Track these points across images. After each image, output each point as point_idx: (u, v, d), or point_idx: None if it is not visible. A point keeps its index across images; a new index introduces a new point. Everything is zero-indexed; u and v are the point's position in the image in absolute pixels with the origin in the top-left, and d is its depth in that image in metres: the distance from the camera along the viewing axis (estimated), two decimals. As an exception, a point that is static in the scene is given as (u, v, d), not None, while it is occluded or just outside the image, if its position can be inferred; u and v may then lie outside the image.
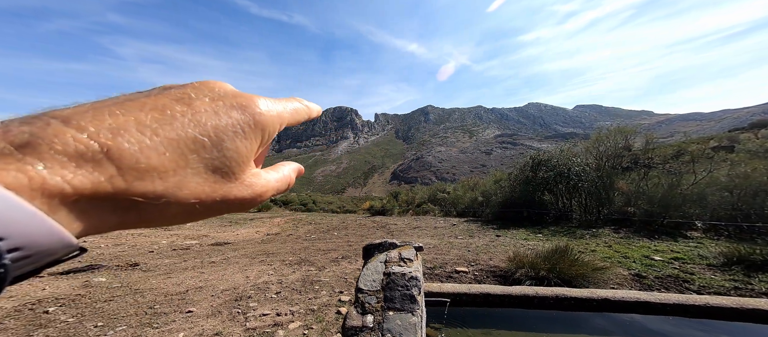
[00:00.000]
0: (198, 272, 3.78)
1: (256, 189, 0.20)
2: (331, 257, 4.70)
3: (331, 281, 3.49)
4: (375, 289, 1.51)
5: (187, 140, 0.16)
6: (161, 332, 2.12)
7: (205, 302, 2.77)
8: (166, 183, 0.15)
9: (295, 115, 0.24)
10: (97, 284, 3.12)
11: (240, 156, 0.19)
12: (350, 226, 8.76)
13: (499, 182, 10.88)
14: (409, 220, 9.95)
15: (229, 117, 0.18)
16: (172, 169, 0.15)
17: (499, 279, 3.33)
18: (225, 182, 0.18)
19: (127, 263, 4.09)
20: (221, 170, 0.18)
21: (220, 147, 0.18)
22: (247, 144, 0.19)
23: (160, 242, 6.10)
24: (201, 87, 0.20)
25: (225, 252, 5.21)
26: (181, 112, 0.17)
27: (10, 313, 2.39)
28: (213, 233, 7.64)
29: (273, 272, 3.88)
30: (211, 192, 0.17)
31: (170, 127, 0.16)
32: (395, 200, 14.71)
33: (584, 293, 2.15)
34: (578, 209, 7.74)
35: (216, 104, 0.19)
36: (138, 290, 2.98)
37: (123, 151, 0.14)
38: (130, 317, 2.34)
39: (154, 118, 0.16)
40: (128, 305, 2.60)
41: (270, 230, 8.57)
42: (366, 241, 6.05)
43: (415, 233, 6.93)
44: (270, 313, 2.63)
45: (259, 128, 0.20)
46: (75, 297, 2.74)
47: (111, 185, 0.13)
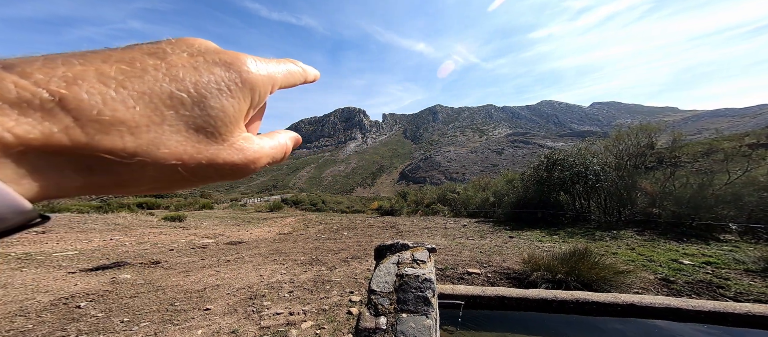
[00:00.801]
0: (215, 271, 3.88)
1: (248, 154, 0.18)
2: (341, 257, 4.72)
3: (341, 281, 3.50)
4: (388, 291, 1.50)
5: (162, 95, 0.15)
6: (181, 329, 2.19)
7: (222, 300, 2.83)
8: (138, 139, 0.14)
9: (289, 77, 0.22)
10: (123, 280, 3.26)
11: (226, 116, 0.17)
12: (359, 226, 8.79)
13: (512, 182, 10.63)
14: (418, 220, 9.86)
15: (211, 73, 0.17)
16: (145, 124, 0.14)
17: (513, 282, 3.24)
18: (211, 142, 0.16)
19: (149, 260, 4.25)
20: (205, 130, 0.16)
21: (203, 105, 0.16)
22: (235, 103, 0.17)
23: (179, 240, 6.31)
24: (178, 42, 0.18)
25: (239, 251, 5.33)
26: (154, 66, 0.15)
27: (46, 307, 2.52)
28: (228, 233, 7.84)
29: (286, 271, 3.93)
30: (195, 153, 0.16)
31: (140, 80, 0.14)
32: (404, 201, 14.65)
33: (607, 298, 2.05)
34: (597, 210, 7.45)
35: (195, 60, 0.17)
36: (159, 287, 3.09)
37: (80, 102, 0.12)
38: (153, 314, 2.42)
39: (120, 70, 0.14)
40: (151, 301, 2.70)
41: (282, 229, 8.72)
42: (375, 241, 6.06)
43: (425, 233, 6.87)
44: (283, 312, 2.67)
45: (247, 87, 0.18)
46: (103, 293, 2.87)
47: (67, 137, 0.12)
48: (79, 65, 0.13)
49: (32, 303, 2.54)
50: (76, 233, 6.13)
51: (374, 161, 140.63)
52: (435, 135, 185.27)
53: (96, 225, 7.28)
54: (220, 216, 12.26)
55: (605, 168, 7.47)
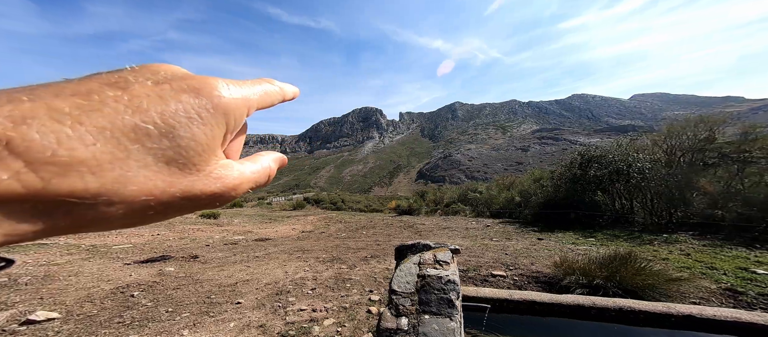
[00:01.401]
0: (245, 266, 4.12)
1: (227, 181, 0.17)
2: (360, 255, 4.78)
3: (361, 280, 3.55)
4: (409, 291, 1.49)
5: (125, 128, 0.13)
6: (216, 321, 2.35)
7: (251, 295, 3.00)
8: (101, 178, 0.12)
9: (265, 98, 0.21)
10: (168, 273, 3.58)
11: (199, 145, 0.16)
12: (378, 225, 8.84)
13: (540, 180, 10.03)
14: (437, 220, 9.67)
15: (179, 102, 0.15)
16: (108, 162, 0.13)
17: (542, 286, 3.08)
18: (184, 174, 0.15)
19: (189, 255, 4.62)
20: (177, 161, 0.15)
21: (172, 135, 0.15)
22: (207, 130, 0.16)
23: (214, 236, 6.79)
24: (142, 70, 0.16)
25: (267, 247, 5.61)
26: (114, 97, 0.14)
27: (108, 294, 2.84)
28: (256, 229, 8.29)
29: (309, 268, 4.07)
30: (167, 187, 0.15)
31: (99, 113, 0.13)
32: (422, 200, 14.47)
33: (658, 307, 1.84)
34: (642, 211, 6.78)
35: (161, 88, 0.15)
36: (198, 281, 3.35)
37: (31, 142, 0.11)
38: (192, 305, 2.64)
39: (75, 105, 0.13)
40: (191, 293, 2.94)
41: (304, 227, 9.03)
42: (394, 241, 6.07)
43: (445, 233, 6.74)
44: (307, 308, 2.76)
45: (219, 112, 0.17)
46: (152, 284, 3.17)
47: (19, 184, 0.11)
48: (28, 102, 0.12)
49: (97, 291, 2.88)
50: (128, 229, 6.85)
51: (391, 161, 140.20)
52: (454, 133, 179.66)
53: (145, 221, 8.08)
54: (249, 214, 12.97)
55: (655, 165, 6.67)
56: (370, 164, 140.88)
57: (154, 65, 0.17)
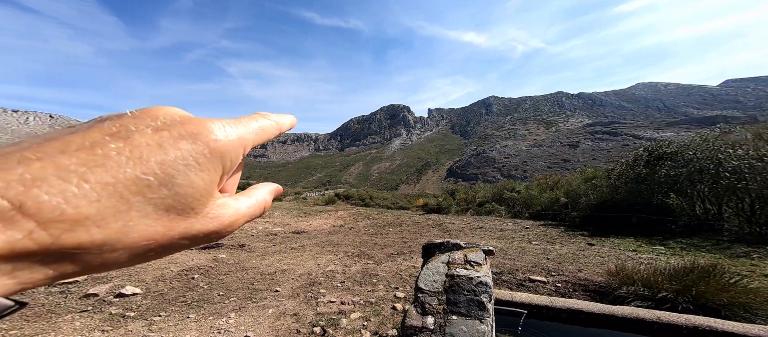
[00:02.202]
0: (283, 256, 4.44)
1: (223, 220, 0.18)
2: (387, 252, 4.82)
3: (387, 276, 3.57)
4: (436, 290, 1.45)
5: (127, 182, 0.14)
6: (258, 307, 2.58)
7: (288, 284, 3.22)
8: (105, 230, 0.13)
9: (261, 134, 0.21)
10: (221, 259, 4.03)
11: (196, 191, 0.16)
12: (404, 222, 8.81)
13: (593, 180, 8.89)
14: (468, 220, 9.24)
15: (177, 149, 0.16)
16: (111, 215, 0.13)
17: (591, 295, 2.77)
18: (183, 218, 0.16)
19: (237, 243, 5.14)
20: (176, 208, 0.15)
21: (171, 184, 0.15)
22: (205, 176, 0.17)
23: (257, 227, 7.44)
24: (141, 116, 0.17)
25: (302, 240, 5.97)
26: (117, 150, 0.14)
27: (175, 275, 3.31)
28: (293, 222, 8.88)
29: (338, 262, 4.23)
30: (167, 231, 0.15)
31: (103, 169, 0.13)
32: (452, 198, 13.95)
33: (753, 330, 1.52)
34: (736, 217, 5.68)
35: (160, 136, 0.16)
36: (244, 268, 3.71)
37: (41, 205, 0.12)
38: (239, 290, 2.93)
39: (80, 161, 0.13)
40: (238, 279, 3.27)
41: (335, 222, 9.41)
42: (421, 239, 5.99)
43: (477, 234, 6.44)
44: (335, 301, 2.88)
45: (216, 157, 0.17)
46: (208, 268, 3.61)
47: (33, 242, 0.12)
48: (37, 161, 0.13)
49: (168, 272, 3.37)
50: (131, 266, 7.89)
51: (419, 158, 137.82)
52: (489, 129, 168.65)
53: (204, 212, 9.22)
54: (287, 207, 13.95)
55: (763, 159, 5.33)
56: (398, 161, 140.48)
57: (153, 110, 0.18)
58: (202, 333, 2.05)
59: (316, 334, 2.26)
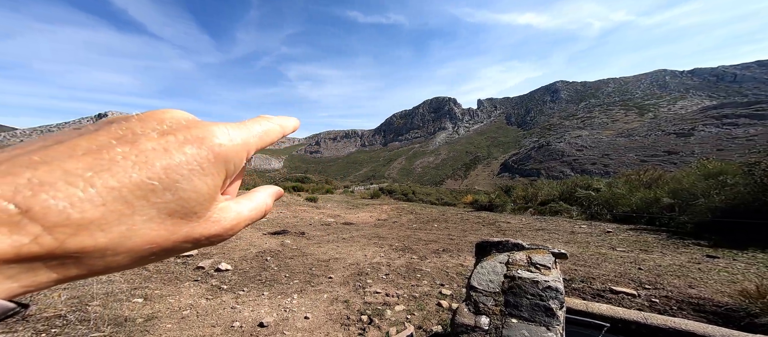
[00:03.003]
0: (335, 245, 4.83)
1: (225, 223, 0.18)
2: (431, 248, 4.74)
3: (432, 272, 3.53)
4: (492, 290, 1.37)
5: (131, 186, 0.14)
6: (315, 291, 2.89)
7: (339, 272, 3.50)
8: (109, 234, 0.13)
9: (264, 138, 0.21)
10: (287, 244, 4.65)
11: (200, 195, 0.16)
12: (451, 219, 8.48)
13: (720, 176, 6.77)
14: (528, 220, 8.27)
15: (182, 154, 0.16)
16: (116, 219, 0.13)
17: (709, 317, 2.20)
18: (186, 222, 0.16)
19: (299, 231, 5.82)
20: (179, 212, 0.15)
21: (175, 189, 0.15)
22: (208, 180, 0.16)
23: (314, 217, 8.25)
24: (147, 119, 0.17)
25: (351, 231, 6.37)
26: (123, 155, 0.14)
27: (254, 256, 3.96)
28: (343, 214, 9.54)
29: (383, 254, 4.37)
30: (169, 235, 0.15)
31: (109, 173, 0.13)
32: (507, 195, 12.65)
33: None
34: None
35: (166, 140, 0.16)
36: (304, 254, 4.19)
37: (47, 209, 0.12)
38: (300, 274, 3.33)
39: (87, 166, 0.13)
40: (300, 264, 3.71)
41: (380, 215, 9.70)
42: (470, 236, 5.69)
43: (539, 236, 5.76)
44: (381, 292, 2.99)
45: (220, 162, 0.17)
46: (277, 252, 4.20)
47: (39, 246, 0.12)
48: (44, 165, 0.13)
49: (248, 252, 4.08)
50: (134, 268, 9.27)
51: (467, 152, 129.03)
52: (554, 118, 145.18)
53: (273, 203, 10.71)
54: (337, 200, 15.05)
55: None
56: (442, 156, 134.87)
57: (159, 113, 0.18)
58: (273, 309, 2.41)
59: (363, 322, 2.39)
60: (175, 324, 2.04)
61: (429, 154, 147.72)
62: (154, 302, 2.31)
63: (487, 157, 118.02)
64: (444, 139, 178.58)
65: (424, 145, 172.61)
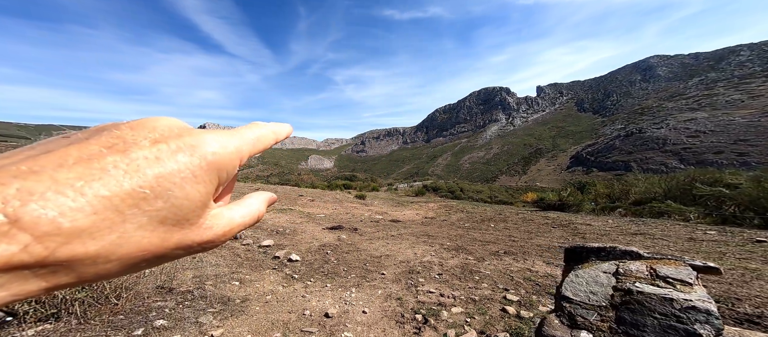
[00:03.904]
0: (385, 242, 4.96)
1: (217, 230, 0.18)
2: (490, 249, 4.39)
3: (492, 275, 3.27)
4: (596, 304, 1.18)
5: (122, 194, 0.14)
6: (371, 286, 3.01)
7: (391, 269, 3.57)
8: (100, 242, 0.13)
9: (257, 145, 0.21)
10: (342, 239, 5.01)
11: (192, 203, 0.16)
12: (510, 219, 7.69)
13: None
14: (616, 221, 6.82)
15: (174, 162, 0.16)
16: (107, 227, 0.13)
17: None
18: (178, 229, 0.16)
19: (352, 227, 6.20)
20: (171, 220, 0.15)
21: (167, 197, 0.15)
22: (201, 188, 0.16)
23: (364, 214, 8.65)
24: (139, 127, 0.17)
25: (399, 229, 6.43)
26: (114, 163, 0.14)
27: (317, 249, 4.40)
28: (390, 211, 9.71)
29: (434, 253, 4.26)
30: (161, 243, 0.15)
31: (100, 182, 0.13)
32: (580, 193, 10.70)
33: None
34: None
35: (158, 148, 0.16)
36: (358, 249, 4.43)
37: (37, 219, 0.12)
38: (356, 269, 3.53)
39: (77, 175, 0.13)
40: (355, 259, 3.94)
41: (427, 213, 9.50)
42: (537, 239, 5.07)
43: (637, 241, 4.74)
44: (435, 291, 2.92)
45: (213, 170, 0.17)
46: (335, 246, 4.57)
47: (28, 255, 0.12)
48: (33, 175, 0.13)
49: (313, 245, 4.55)
50: (321, 202, 10.16)
51: (525, 144, 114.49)
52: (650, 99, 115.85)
53: (327, 198, 11.67)
54: (383, 197, 15.43)
55: None
56: (495, 150, 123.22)
57: (151, 121, 0.18)
58: (335, 301, 2.60)
59: (418, 321, 2.37)
60: (261, 307, 2.38)
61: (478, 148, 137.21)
62: (246, 286, 2.77)
63: (551, 150, 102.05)
64: (496, 132, 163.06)
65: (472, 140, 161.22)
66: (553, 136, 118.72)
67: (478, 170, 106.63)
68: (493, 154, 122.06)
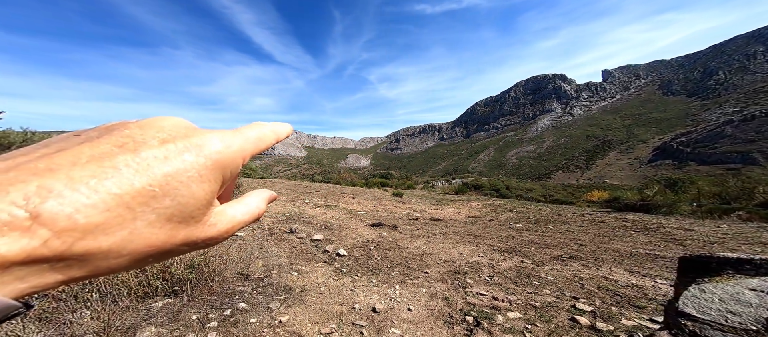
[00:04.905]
0: (426, 241, 4.85)
1: (220, 227, 0.19)
2: (550, 253, 3.93)
3: (556, 281, 2.92)
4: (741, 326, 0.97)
5: (133, 192, 0.15)
6: (414, 284, 2.97)
7: (435, 268, 3.47)
8: (112, 238, 0.14)
9: (259, 144, 0.21)
10: (383, 236, 5.08)
11: (198, 201, 0.17)
12: (573, 220, 6.77)
13: None
14: (734, 226, 5.47)
15: (182, 162, 0.16)
16: (119, 224, 0.14)
17: None
18: (184, 226, 0.17)
19: (392, 224, 6.25)
20: (178, 217, 0.16)
21: (174, 195, 0.16)
22: (206, 187, 0.17)
23: (402, 212, 8.64)
24: (148, 127, 0.18)
25: (440, 227, 6.23)
26: (125, 162, 0.15)
27: (361, 245, 4.53)
28: (428, 209, 9.50)
29: (483, 254, 3.99)
30: (169, 239, 0.16)
31: (112, 181, 0.14)
32: (671, 191, 8.75)
33: None
34: None
35: (166, 148, 0.17)
36: (399, 246, 4.44)
37: (56, 214, 0.13)
38: (399, 266, 3.53)
39: (91, 173, 0.14)
40: (397, 256, 3.95)
41: (470, 212, 8.99)
42: (613, 243, 4.40)
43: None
44: (486, 294, 2.73)
45: (218, 169, 0.18)
46: (377, 242, 4.66)
47: (48, 249, 0.13)
48: (50, 173, 0.14)
49: (357, 240, 4.71)
50: (361, 199, 10.53)
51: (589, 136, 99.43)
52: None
53: (366, 196, 12.04)
54: (420, 195, 15.18)
55: None
56: (548, 143, 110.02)
57: (159, 120, 0.19)
58: (381, 297, 2.64)
59: (469, 323, 2.25)
60: (317, 298, 2.55)
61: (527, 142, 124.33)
62: (303, 277, 3.00)
63: (626, 141, 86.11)
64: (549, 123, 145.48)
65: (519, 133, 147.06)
66: (627, 126, 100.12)
67: (528, 166, 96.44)
68: (546, 149, 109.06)
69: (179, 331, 1.85)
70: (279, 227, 4.86)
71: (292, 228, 4.87)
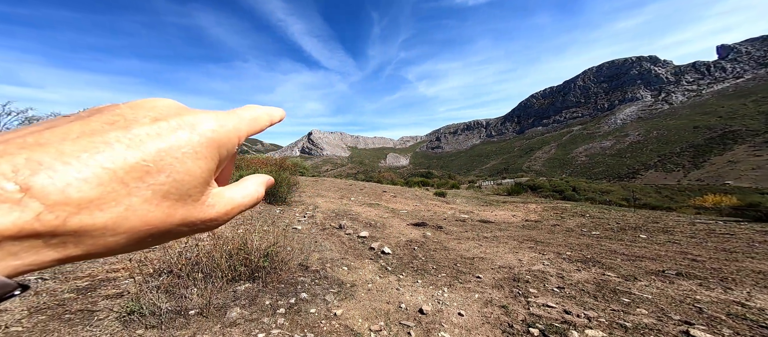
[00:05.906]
0: (477, 243, 4.52)
1: (219, 208, 0.19)
2: (645, 267, 3.24)
3: (655, 300, 2.40)
4: None
5: (126, 167, 0.14)
6: (465, 289, 2.78)
7: (488, 273, 3.19)
8: (107, 214, 0.14)
9: (253, 125, 0.21)
10: (428, 237, 4.95)
11: (194, 179, 0.17)
12: (677, 229, 5.47)
13: None
14: None
15: (175, 138, 0.16)
16: (113, 200, 0.14)
17: None
18: (181, 205, 0.16)
19: (436, 224, 6.05)
20: (174, 195, 0.16)
21: (169, 171, 0.16)
22: (202, 164, 0.17)
23: (446, 212, 8.28)
24: (138, 107, 0.17)
25: (492, 230, 5.74)
26: (116, 138, 0.15)
27: (405, 244, 4.48)
28: (476, 211, 8.87)
29: (548, 262, 3.51)
30: (166, 218, 0.16)
31: (104, 155, 0.14)
32: None
33: None
34: None
35: (158, 125, 0.16)
36: (446, 248, 4.24)
37: (47, 188, 0.12)
38: (445, 268, 3.36)
39: (82, 148, 0.14)
40: (442, 258, 3.78)
41: (527, 215, 8.05)
42: (751, 263, 3.54)
43: None
44: (555, 307, 2.38)
45: (213, 147, 0.18)
46: (421, 242, 4.55)
47: (40, 223, 0.12)
48: (39, 147, 0.13)
49: (401, 240, 4.70)
50: (402, 198, 10.48)
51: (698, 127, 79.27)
52: None
53: (407, 195, 11.95)
54: (465, 196, 14.30)
55: None
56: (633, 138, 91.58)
57: (149, 101, 0.18)
58: (428, 299, 2.55)
59: (534, 335, 1.99)
60: (365, 294, 2.61)
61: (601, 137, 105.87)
62: (352, 272, 3.09)
63: (762, 132, 65.46)
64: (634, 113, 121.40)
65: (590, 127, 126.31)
66: (753, 115, 76.27)
67: (603, 164, 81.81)
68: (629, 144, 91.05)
69: (257, 314, 2.09)
70: (330, 223, 5.17)
71: (341, 224, 5.12)
